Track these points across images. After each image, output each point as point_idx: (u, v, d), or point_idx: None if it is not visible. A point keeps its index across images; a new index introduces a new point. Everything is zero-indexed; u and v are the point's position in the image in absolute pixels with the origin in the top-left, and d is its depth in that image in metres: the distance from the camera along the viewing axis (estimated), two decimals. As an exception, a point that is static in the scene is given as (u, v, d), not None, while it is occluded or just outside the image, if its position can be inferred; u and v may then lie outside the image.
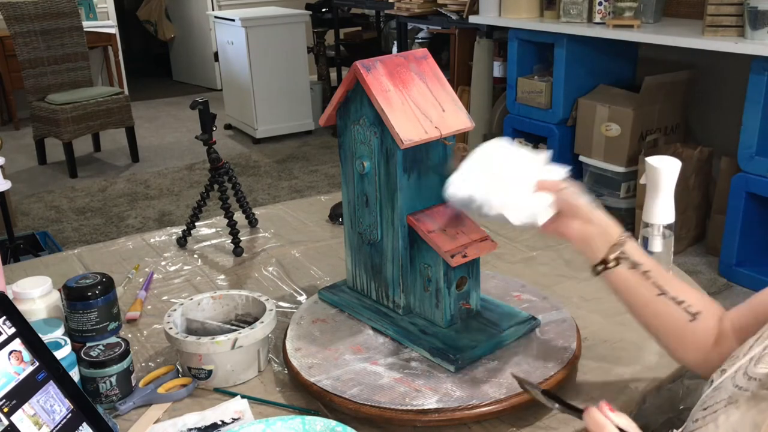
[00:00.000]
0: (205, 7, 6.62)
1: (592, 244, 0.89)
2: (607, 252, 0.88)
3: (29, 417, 0.76)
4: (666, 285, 0.87)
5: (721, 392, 0.70)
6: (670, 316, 0.86)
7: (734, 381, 0.70)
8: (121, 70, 6.15)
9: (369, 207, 1.04)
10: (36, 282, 1.02)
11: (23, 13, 4.43)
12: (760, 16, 2.57)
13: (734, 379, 0.70)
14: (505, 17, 3.64)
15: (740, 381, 0.69)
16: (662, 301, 0.87)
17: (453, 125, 0.98)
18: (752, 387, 0.67)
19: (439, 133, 0.95)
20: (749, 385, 0.67)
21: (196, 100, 1.36)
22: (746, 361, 0.70)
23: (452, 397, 0.88)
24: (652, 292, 0.87)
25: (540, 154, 0.94)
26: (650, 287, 0.87)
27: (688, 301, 0.87)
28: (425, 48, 1.13)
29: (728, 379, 0.71)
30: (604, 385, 0.95)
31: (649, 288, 0.87)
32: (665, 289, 0.87)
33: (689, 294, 0.87)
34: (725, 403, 0.68)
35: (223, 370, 0.98)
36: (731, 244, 2.86)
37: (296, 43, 5.11)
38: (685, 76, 3.36)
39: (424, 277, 1.00)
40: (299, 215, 1.61)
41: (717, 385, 0.72)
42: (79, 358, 0.93)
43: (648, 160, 1.11)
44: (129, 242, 1.50)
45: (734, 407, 0.67)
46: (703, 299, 0.88)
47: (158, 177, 4.53)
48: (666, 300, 0.87)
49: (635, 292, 0.88)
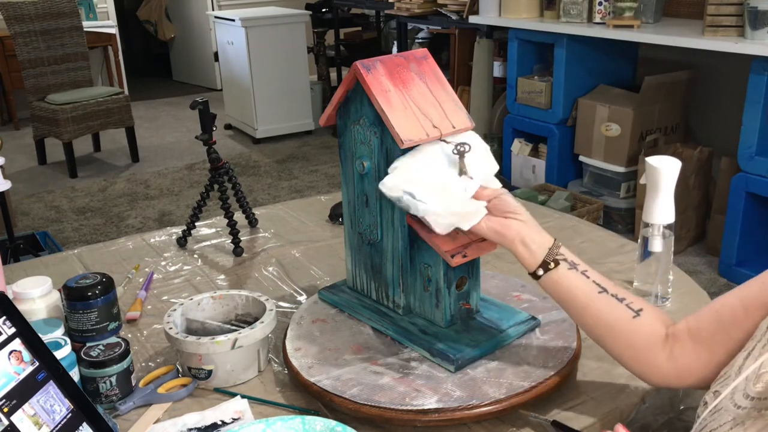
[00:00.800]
0: (205, 7, 6.63)
1: (532, 245, 0.89)
2: (547, 253, 0.89)
3: (29, 417, 0.76)
4: (605, 284, 0.88)
5: (723, 414, 0.69)
6: (613, 312, 0.86)
7: (734, 402, 0.69)
8: (121, 70, 6.15)
9: (369, 207, 1.04)
10: (36, 282, 1.02)
11: (23, 13, 4.43)
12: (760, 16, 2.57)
13: (733, 399, 0.69)
14: (505, 17, 3.64)
15: (741, 401, 0.68)
16: (604, 298, 0.87)
17: (453, 125, 0.98)
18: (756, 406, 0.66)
19: (439, 133, 0.95)
20: (751, 404, 0.67)
21: (196, 100, 1.36)
22: (742, 381, 0.69)
23: (452, 397, 0.88)
24: (594, 289, 0.88)
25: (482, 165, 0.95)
26: (591, 285, 0.88)
27: (629, 299, 0.87)
28: (425, 48, 1.13)
29: (726, 400, 0.70)
30: (604, 385, 0.95)
31: (590, 286, 0.88)
32: (605, 286, 0.88)
33: (629, 294, 0.88)
34: (731, 426, 0.67)
35: (223, 370, 0.98)
36: (731, 244, 2.86)
37: (296, 43, 5.11)
38: (685, 76, 3.37)
39: (424, 277, 1.00)
40: (299, 215, 1.61)
41: (715, 408, 0.71)
42: (79, 358, 0.93)
43: (648, 160, 1.11)
44: (129, 242, 1.50)
45: (741, 428, 0.66)
46: (644, 301, 0.88)
47: (158, 177, 4.53)
48: (608, 297, 0.87)
49: (577, 292, 0.88)
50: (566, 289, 0.89)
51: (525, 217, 0.91)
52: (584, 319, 0.89)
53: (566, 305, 0.90)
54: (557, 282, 0.89)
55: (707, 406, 0.72)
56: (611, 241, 1.41)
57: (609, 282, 0.89)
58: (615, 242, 1.41)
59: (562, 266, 0.89)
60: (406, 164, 0.93)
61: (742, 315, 0.77)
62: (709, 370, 0.81)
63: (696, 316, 0.84)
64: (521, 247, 0.90)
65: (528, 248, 0.90)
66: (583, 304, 0.88)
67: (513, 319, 1.02)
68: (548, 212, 1.60)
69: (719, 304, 0.81)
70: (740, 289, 0.80)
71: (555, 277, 0.89)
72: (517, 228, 0.90)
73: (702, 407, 0.73)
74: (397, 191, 0.93)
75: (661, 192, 1.10)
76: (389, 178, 0.94)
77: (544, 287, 0.91)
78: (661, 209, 1.11)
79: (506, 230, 0.90)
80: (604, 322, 0.87)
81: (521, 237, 0.90)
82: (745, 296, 0.78)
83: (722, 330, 0.79)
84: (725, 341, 0.79)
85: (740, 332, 0.77)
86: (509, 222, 0.91)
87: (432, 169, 0.93)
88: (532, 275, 0.91)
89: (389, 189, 0.94)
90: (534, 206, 1.66)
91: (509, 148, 3.80)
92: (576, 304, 0.89)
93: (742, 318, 0.77)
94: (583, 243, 1.40)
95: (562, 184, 3.57)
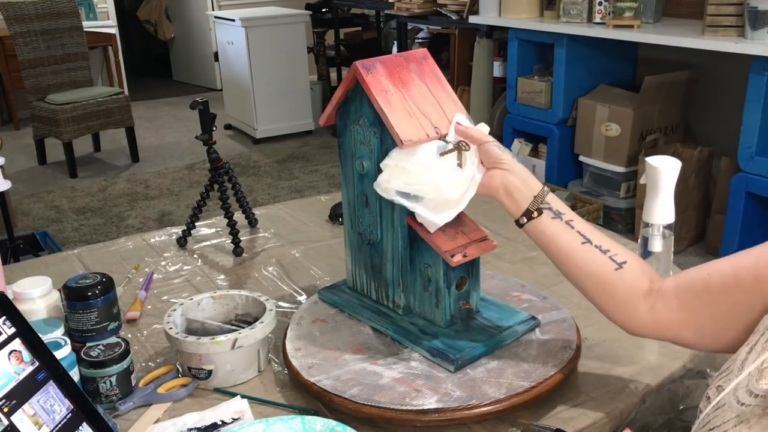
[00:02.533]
0: (205, 7, 6.63)
1: (515, 194, 0.89)
2: (531, 202, 0.89)
3: (29, 417, 0.76)
4: (590, 234, 0.88)
5: (726, 411, 0.69)
6: (595, 263, 0.86)
7: (737, 398, 0.68)
8: (121, 70, 6.15)
9: (369, 207, 1.04)
10: (36, 282, 1.02)
11: (23, 13, 4.43)
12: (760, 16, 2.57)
13: (736, 396, 0.68)
14: (505, 17, 3.64)
15: (744, 398, 0.67)
16: (587, 249, 0.87)
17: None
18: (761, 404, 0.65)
19: (439, 133, 0.95)
20: (755, 402, 0.66)
21: (196, 100, 1.36)
22: (745, 377, 0.69)
23: (452, 397, 0.88)
24: (577, 240, 0.88)
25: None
26: (575, 235, 0.88)
27: (614, 250, 0.87)
28: (425, 48, 1.13)
29: (729, 396, 0.69)
30: (604, 385, 0.95)
31: (573, 236, 0.88)
32: (589, 237, 0.88)
33: (614, 246, 0.88)
34: (734, 423, 0.67)
35: (223, 370, 0.98)
36: (731, 244, 2.86)
37: (296, 43, 5.11)
38: (685, 76, 3.37)
39: (424, 277, 1.00)
40: (299, 215, 1.61)
41: (718, 403, 0.70)
42: (79, 358, 0.93)
43: (648, 160, 1.11)
44: (129, 242, 1.50)
45: (746, 426, 0.66)
46: (630, 253, 0.88)
47: (158, 177, 4.53)
48: (591, 248, 0.87)
49: (560, 242, 0.88)
50: (549, 238, 0.89)
51: (509, 165, 0.91)
52: (567, 267, 0.89)
53: (549, 254, 0.90)
54: (540, 231, 0.89)
55: (710, 401, 0.72)
56: (611, 241, 1.41)
57: (596, 232, 0.89)
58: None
59: (545, 215, 0.89)
60: (394, 159, 0.94)
61: (732, 283, 0.77)
62: (689, 331, 0.81)
63: (686, 274, 0.83)
64: (505, 196, 0.90)
65: (511, 196, 0.90)
66: (566, 254, 0.88)
67: (513, 319, 1.02)
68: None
69: (711, 267, 0.81)
70: (735, 257, 0.79)
71: (538, 226, 0.89)
72: (500, 177, 0.90)
73: (704, 402, 0.73)
74: (390, 193, 0.94)
75: (661, 192, 1.10)
76: (381, 177, 0.95)
77: (529, 235, 0.91)
78: (661, 209, 1.11)
79: (490, 180, 0.90)
80: (585, 273, 0.87)
81: (504, 186, 0.90)
82: (738, 265, 0.78)
83: (709, 294, 0.79)
84: (710, 306, 0.79)
85: (728, 300, 0.77)
86: (493, 172, 0.91)
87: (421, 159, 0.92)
88: (516, 223, 0.91)
89: (383, 191, 0.95)
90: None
91: (509, 148, 3.79)
92: (559, 253, 0.89)
93: (732, 286, 0.77)
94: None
95: (562, 184, 3.57)
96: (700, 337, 0.81)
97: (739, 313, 0.76)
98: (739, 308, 0.76)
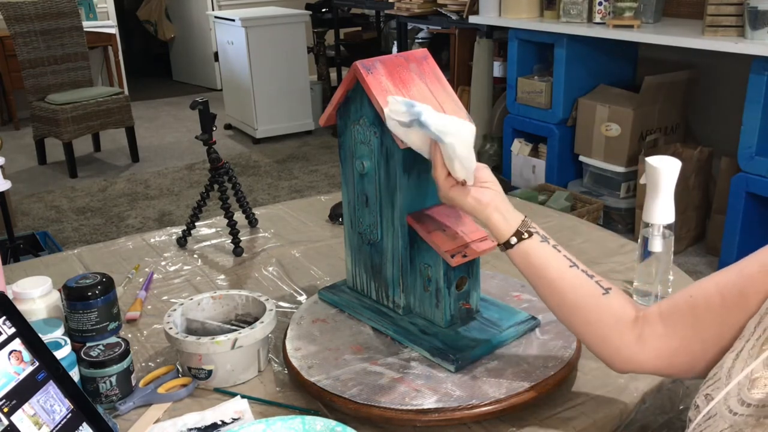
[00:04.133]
0: (205, 7, 6.62)
1: (505, 213, 0.89)
2: (520, 223, 0.89)
3: (29, 417, 0.76)
4: (575, 260, 0.88)
5: (718, 421, 0.68)
6: (583, 288, 0.85)
7: (729, 407, 0.67)
8: (121, 70, 6.15)
9: (369, 207, 1.04)
10: (36, 282, 1.02)
11: (23, 13, 4.43)
12: (760, 16, 2.57)
13: (728, 405, 0.67)
14: (505, 17, 3.64)
15: (736, 408, 0.66)
16: (576, 273, 0.86)
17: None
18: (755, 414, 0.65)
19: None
20: (749, 411, 0.65)
21: (196, 100, 1.36)
22: (734, 386, 0.68)
23: (452, 397, 0.88)
24: (565, 263, 0.87)
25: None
26: (563, 259, 0.87)
27: (598, 277, 0.87)
28: (425, 48, 1.13)
29: (720, 405, 0.68)
30: (604, 385, 0.95)
31: (561, 260, 0.87)
32: (575, 262, 0.87)
33: (596, 274, 0.87)
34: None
35: (223, 370, 0.98)
36: (731, 244, 2.86)
37: (296, 43, 5.11)
38: (685, 76, 3.37)
39: (424, 277, 1.00)
40: (299, 215, 1.61)
41: (709, 413, 0.69)
42: (79, 358, 0.93)
43: (648, 160, 1.11)
44: (129, 242, 1.50)
45: None
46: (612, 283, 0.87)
47: (158, 177, 4.53)
48: (578, 272, 0.86)
49: (548, 264, 0.87)
50: (538, 261, 0.88)
51: (498, 188, 0.91)
52: (553, 293, 0.87)
53: (536, 278, 0.88)
54: (529, 253, 0.88)
55: (699, 410, 0.71)
56: (611, 241, 1.41)
57: (578, 260, 0.88)
58: (615, 242, 1.41)
59: (534, 238, 0.88)
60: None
61: (718, 303, 0.75)
62: (679, 358, 0.79)
63: (669, 300, 0.82)
64: (496, 214, 0.89)
65: (503, 216, 0.89)
66: (554, 278, 0.87)
67: (513, 319, 1.02)
68: (548, 212, 1.60)
69: (694, 289, 0.79)
70: (717, 276, 0.78)
71: (527, 248, 0.88)
72: (491, 194, 0.90)
73: (694, 410, 0.72)
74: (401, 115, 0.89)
75: (661, 192, 1.10)
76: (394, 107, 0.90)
77: (515, 258, 0.89)
78: (661, 209, 1.11)
79: (480, 195, 0.90)
80: (573, 297, 0.85)
81: (496, 204, 0.89)
82: (721, 283, 0.76)
83: (696, 317, 0.77)
84: (698, 328, 0.77)
85: (714, 320, 0.75)
86: (484, 190, 0.90)
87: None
88: (503, 245, 0.90)
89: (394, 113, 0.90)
90: (534, 206, 1.67)
91: (509, 148, 3.80)
92: (547, 276, 0.87)
93: (718, 306, 0.75)
94: (583, 243, 1.40)
95: (562, 184, 3.57)
96: (692, 363, 0.79)
97: (725, 334, 0.75)
98: (724, 328, 0.75)
